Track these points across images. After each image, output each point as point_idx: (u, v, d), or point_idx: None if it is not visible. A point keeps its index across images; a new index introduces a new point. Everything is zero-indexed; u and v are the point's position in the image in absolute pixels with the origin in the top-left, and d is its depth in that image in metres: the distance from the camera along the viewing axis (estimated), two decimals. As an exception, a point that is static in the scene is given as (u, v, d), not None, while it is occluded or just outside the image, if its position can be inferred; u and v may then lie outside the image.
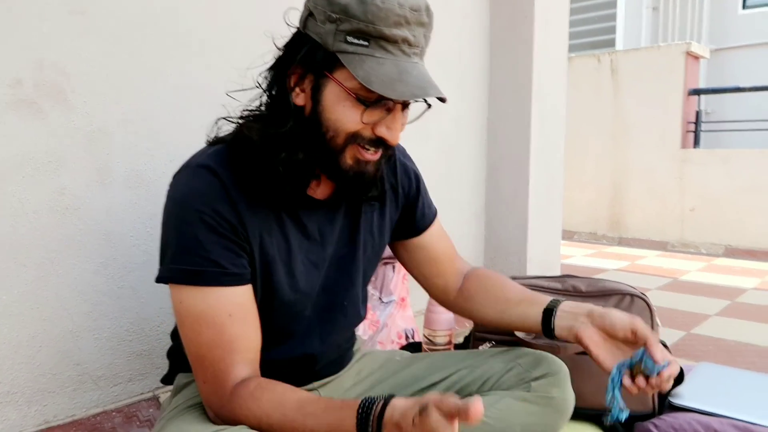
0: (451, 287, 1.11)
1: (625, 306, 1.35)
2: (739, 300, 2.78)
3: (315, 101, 0.82)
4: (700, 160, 4.46)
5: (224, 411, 0.80)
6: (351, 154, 0.83)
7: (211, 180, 0.81)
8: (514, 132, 2.41)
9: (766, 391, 1.40)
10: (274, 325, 0.89)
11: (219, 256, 0.80)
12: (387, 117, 0.82)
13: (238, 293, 0.82)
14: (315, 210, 0.92)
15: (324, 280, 0.95)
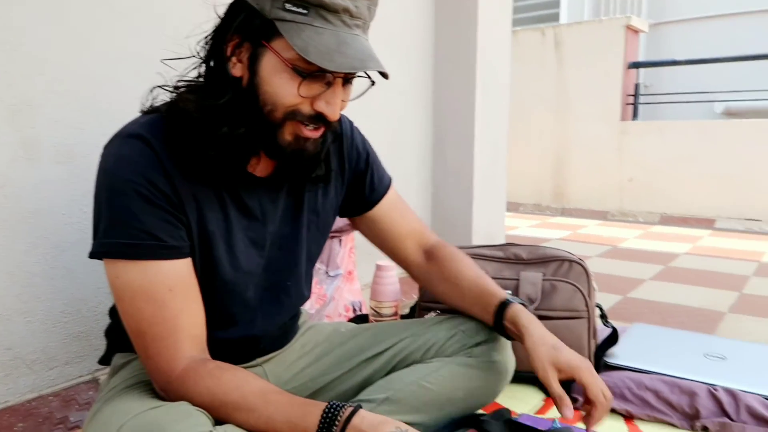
0: (412, 261, 1.11)
1: (564, 271, 1.39)
2: (672, 265, 2.93)
3: (252, 72, 0.79)
4: (638, 132, 4.62)
5: (172, 387, 0.78)
6: (290, 131, 0.81)
7: (143, 149, 0.78)
8: (459, 105, 2.43)
9: (694, 347, 1.48)
10: (215, 306, 0.88)
11: (155, 228, 0.77)
12: (326, 91, 0.79)
13: (178, 267, 0.80)
14: (256, 187, 0.89)
15: (266, 260, 0.93)
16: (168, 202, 0.79)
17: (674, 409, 1.24)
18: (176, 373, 0.78)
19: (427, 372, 1.02)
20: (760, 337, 1.83)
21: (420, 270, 1.11)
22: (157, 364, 0.79)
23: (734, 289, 2.43)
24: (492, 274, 1.42)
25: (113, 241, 0.77)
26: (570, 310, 1.36)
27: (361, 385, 1.04)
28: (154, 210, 0.78)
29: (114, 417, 0.76)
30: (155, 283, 0.78)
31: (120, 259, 0.77)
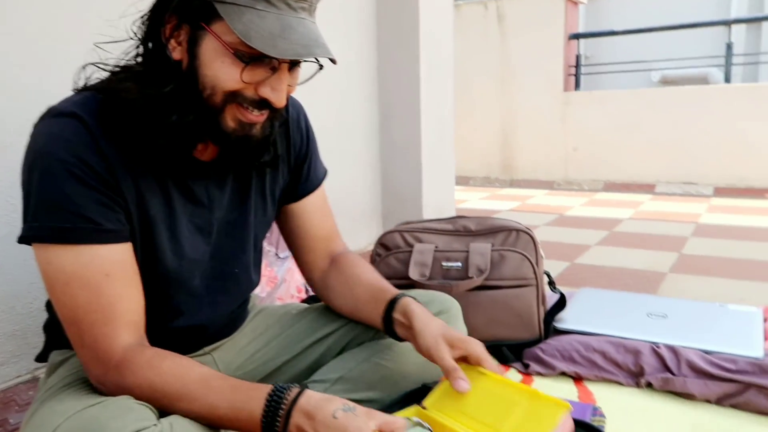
0: (316, 266, 1.05)
1: (512, 240, 1.41)
2: (616, 230, 3.02)
3: (192, 55, 0.74)
4: (580, 102, 4.72)
5: (109, 377, 0.75)
6: (232, 115, 0.76)
7: (77, 127, 0.73)
8: (403, 80, 2.41)
9: (637, 308, 1.53)
10: (160, 295, 0.84)
11: (90, 211, 0.73)
12: (271, 77, 0.75)
13: (115, 251, 0.75)
14: (202, 172, 0.85)
15: (213, 247, 0.89)
16: (103, 184, 0.74)
17: (620, 368, 1.28)
18: (113, 362, 0.74)
19: (379, 349, 1.01)
20: (698, 294, 1.92)
21: (321, 275, 1.05)
22: (93, 353, 0.75)
23: (674, 250, 2.53)
24: (442, 247, 1.43)
25: (43, 224, 0.72)
26: (519, 279, 1.38)
27: (312, 366, 1.02)
28: (89, 191, 0.73)
29: (50, 417, 0.71)
30: (90, 268, 0.73)
31: (51, 243, 0.72)
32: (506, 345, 1.38)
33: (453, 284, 1.34)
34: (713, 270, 2.21)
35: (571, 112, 4.74)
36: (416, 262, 1.40)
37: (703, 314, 1.50)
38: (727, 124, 4.18)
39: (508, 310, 1.37)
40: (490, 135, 5.07)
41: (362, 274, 1.02)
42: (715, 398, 1.18)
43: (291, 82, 0.79)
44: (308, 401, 0.71)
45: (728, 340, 1.31)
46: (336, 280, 1.03)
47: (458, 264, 1.39)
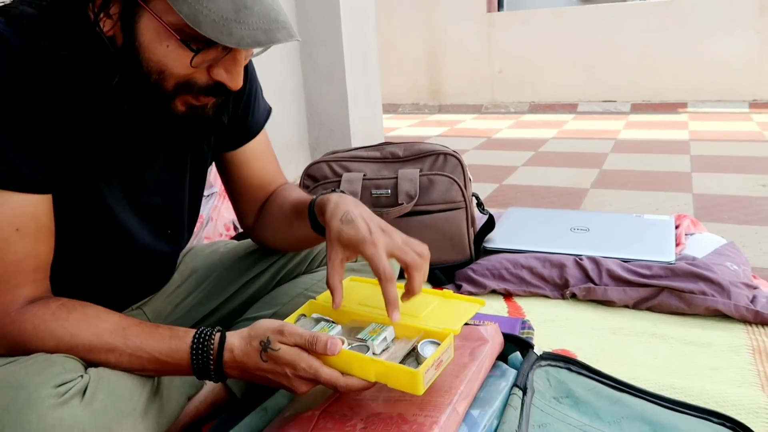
0: (254, 212, 0.97)
1: (440, 165, 1.41)
2: (541, 150, 3.10)
3: (128, 35, 0.64)
4: (504, 23, 4.70)
5: (4, 333, 0.68)
6: (182, 101, 0.68)
7: (11, 55, 0.62)
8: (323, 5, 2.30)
9: (562, 223, 1.59)
10: (90, 252, 0.78)
11: (8, 150, 0.63)
12: (225, 57, 0.66)
13: (31, 202, 0.67)
14: (134, 135, 0.76)
15: (145, 207, 0.82)
16: (30, 123, 0.64)
17: (547, 282, 1.33)
18: (11, 317, 0.68)
19: (313, 282, 1.00)
20: (618, 207, 2.01)
21: (256, 217, 0.97)
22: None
23: (595, 167, 2.62)
24: (371, 174, 1.41)
25: None
26: (448, 202, 1.39)
27: (245, 305, 1.00)
28: (10, 128, 0.63)
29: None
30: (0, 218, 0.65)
31: None
32: (438, 268, 1.40)
33: (383, 212, 1.33)
34: (631, 183, 2.32)
35: (495, 33, 4.71)
36: (345, 191, 1.38)
37: (621, 225, 1.58)
38: (642, 40, 4.30)
39: (439, 233, 1.39)
40: (417, 61, 4.99)
41: (290, 195, 0.93)
42: (632, 303, 1.25)
43: (247, 56, 0.70)
44: (233, 355, 0.70)
45: (644, 248, 1.39)
46: (268, 215, 0.95)
47: (387, 191, 1.38)
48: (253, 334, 0.70)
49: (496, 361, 0.84)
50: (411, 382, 0.64)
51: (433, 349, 0.68)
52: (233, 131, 0.91)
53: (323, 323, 0.76)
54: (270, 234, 0.97)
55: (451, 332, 0.71)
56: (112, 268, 0.83)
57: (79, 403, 0.63)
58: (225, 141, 0.92)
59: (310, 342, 0.67)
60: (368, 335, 0.71)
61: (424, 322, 0.74)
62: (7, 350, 0.68)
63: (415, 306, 0.77)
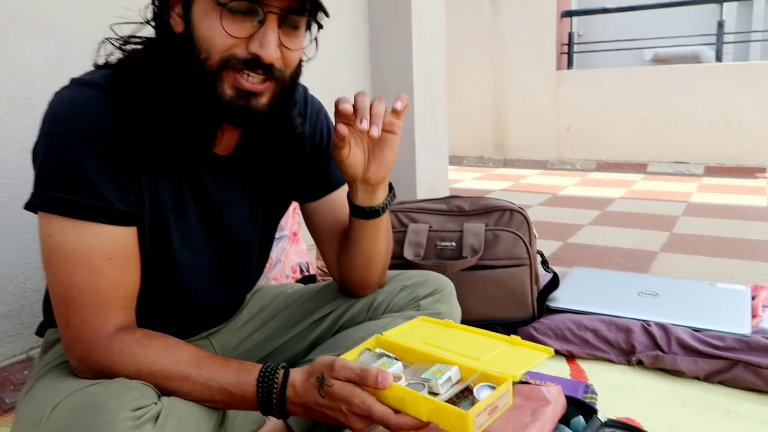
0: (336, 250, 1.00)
1: (506, 221, 1.42)
2: (609, 209, 3.04)
3: (187, 22, 0.73)
4: (573, 80, 4.70)
5: (92, 357, 0.73)
6: (230, 83, 0.74)
7: (101, 100, 0.71)
8: (396, 57, 2.39)
9: (629, 286, 1.55)
10: (163, 280, 0.83)
11: (104, 188, 0.71)
12: (259, 31, 0.73)
13: (121, 234, 0.74)
14: (215, 166, 0.83)
15: (218, 242, 0.88)
16: (121, 162, 0.72)
17: (612, 346, 1.30)
18: (100, 342, 0.73)
19: (377, 328, 1.01)
20: (689, 273, 1.94)
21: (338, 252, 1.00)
22: (79, 333, 0.73)
23: (665, 229, 2.55)
24: (436, 227, 1.43)
25: (52, 193, 0.70)
26: (513, 258, 1.39)
27: (310, 346, 1.03)
28: (105, 168, 0.71)
29: (49, 394, 0.72)
30: (94, 248, 0.72)
31: (57, 214, 0.70)
32: (500, 324, 1.39)
33: (447, 264, 1.35)
34: (703, 249, 2.23)
35: (564, 90, 4.72)
36: (411, 242, 1.41)
37: (693, 292, 1.52)
38: (717, 102, 4.19)
39: (502, 289, 1.38)
40: (483, 114, 5.05)
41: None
42: (703, 375, 1.20)
43: (288, 43, 0.75)
44: (294, 392, 0.72)
45: (717, 318, 1.33)
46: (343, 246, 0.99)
47: (452, 244, 1.39)
48: (312, 370, 0.72)
49: (558, 424, 0.83)
50: (461, 424, 0.63)
51: (489, 393, 0.67)
52: (315, 183, 0.97)
53: (385, 359, 0.76)
54: (344, 260, 0.99)
55: (509, 377, 0.68)
56: (183, 299, 0.88)
57: (151, 427, 0.67)
58: (307, 192, 0.98)
59: (361, 376, 0.68)
60: (432, 375, 0.71)
61: (486, 365, 0.73)
62: (93, 373, 0.74)
63: (480, 349, 0.77)
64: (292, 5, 0.73)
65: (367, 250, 0.95)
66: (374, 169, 0.86)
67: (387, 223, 0.97)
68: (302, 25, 0.78)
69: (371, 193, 0.89)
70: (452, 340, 0.81)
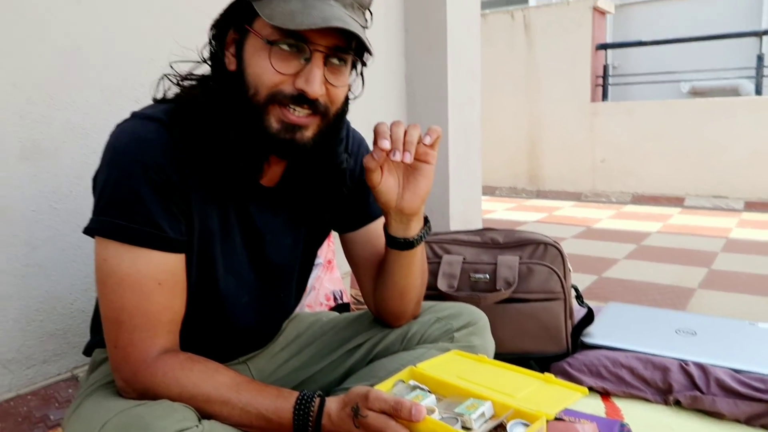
0: (373, 278, 1.02)
1: (540, 254, 1.42)
2: (644, 243, 2.99)
3: (239, 60, 0.78)
4: (608, 113, 4.68)
5: (138, 378, 0.77)
6: (276, 117, 0.77)
7: (161, 133, 0.76)
8: (431, 89, 2.43)
9: (666, 324, 1.52)
10: (206, 306, 0.86)
11: (158, 217, 0.75)
12: (305, 68, 0.76)
13: (171, 260, 0.78)
14: (260, 197, 0.87)
15: (261, 270, 0.91)
16: (176, 193, 0.76)
17: (648, 384, 1.27)
18: (146, 364, 0.76)
19: (410, 359, 1.02)
20: (728, 311, 1.89)
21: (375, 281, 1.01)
22: (127, 354, 0.77)
23: (703, 266, 2.49)
24: (470, 258, 1.44)
25: (110, 219, 0.74)
26: (547, 292, 1.38)
27: (344, 376, 1.04)
28: (161, 198, 0.75)
29: (96, 414, 0.74)
30: (145, 273, 0.75)
31: (113, 240, 0.74)
32: (533, 358, 1.38)
33: (481, 296, 1.35)
34: (744, 286, 2.18)
35: (599, 122, 4.70)
36: (444, 273, 1.42)
37: (733, 332, 1.49)
38: (757, 136, 4.11)
39: (536, 323, 1.38)
40: (517, 144, 5.05)
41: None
42: (744, 418, 1.17)
43: (333, 81, 0.79)
44: (330, 422, 0.74)
45: (758, 360, 1.30)
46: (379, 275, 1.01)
47: (486, 276, 1.40)
48: (347, 400, 0.74)
49: (593, 463, 0.82)
50: None
51: (523, 430, 0.67)
52: (354, 213, 1.00)
53: (418, 391, 0.77)
54: (379, 290, 1.00)
55: (543, 415, 0.69)
56: (224, 324, 0.91)
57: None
58: (347, 222, 1.01)
59: (395, 408, 0.69)
60: (465, 409, 0.71)
61: (520, 401, 0.73)
62: (138, 394, 0.77)
63: (514, 385, 0.77)
64: (338, 44, 0.77)
65: (401, 281, 0.97)
66: (408, 198, 0.87)
67: (422, 255, 0.98)
68: (347, 63, 0.81)
69: (406, 224, 0.91)
70: (486, 375, 0.82)
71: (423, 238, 0.94)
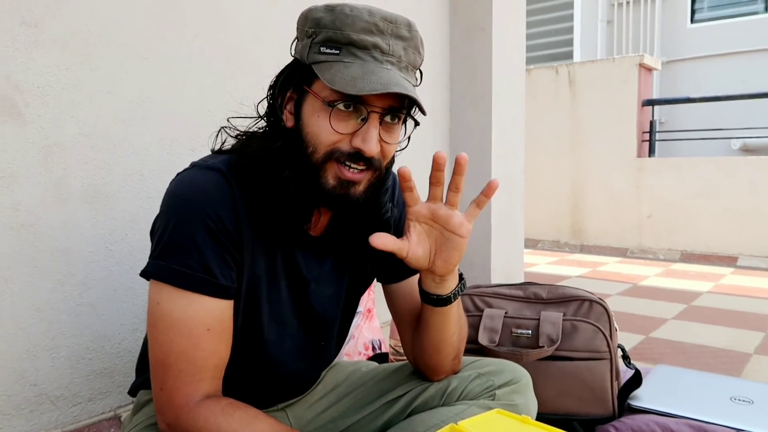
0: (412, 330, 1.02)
1: (584, 311, 1.38)
2: (695, 303, 2.88)
3: (297, 118, 0.82)
4: (654, 168, 4.60)
5: (180, 422, 0.78)
6: (332, 174, 0.81)
7: (221, 183, 0.80)
8: (475, 142, 2.46)
9: (720, 390, 1.45)
10: (249, 352, 0.88)
11: (212, 264, 0.78)
12: (362, 128, 0.79)
13: (221, 307, 0.80)
14: (307, 246, 0.90)
15: (305, 317, 0.93)
16: (230, 241, 0.79)
17: (702, 454, 1.21)
18: (188, 408, 0.78)
19: (451, 415, 1.00)
20: (788, 379, 1.79)
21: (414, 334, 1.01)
22: (171, 398, 0.78)
23: (760, 330, 2.38)
24: (512, 313, 1.42)
25: (166, 264, 0.77)
26: (592, 351, 1.34)
27: (382, 428, 1.03)
28: (216, 245, 0.78)
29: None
30: (195, 319, 0.77)
31: (168, 284, 0.77)
32: (577, 420, 1.33)
33: (523, 352, 1.32)
34: (804, 353, 2.06)
35: (645, 178, 4.62)
36: (486, 327, 1.40)
37: (793, 402, 1.40)
38: (815, 195, 3.96)
39: (580, 383, 1.33)
40: (560, 198, 5.00)
41: None
42: (809, 497, 1.09)
43: (387, 138, 0.82)
44: None
45: (823, 434, 1.22)
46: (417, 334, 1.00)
47: (528, 332, 1.37)
48: None
49: None
50: None
51: None
52: (397, 265, 0.99)
53: None
54: (416, 343, 1.00)
55: None
56: (265, 370, 0.92)
57: None
58: (390, 273, 1.01)
59: None
60: None
61: None
62: None
63: None
64: (393, 105, 0.80)
65: (435, 336, 0.96)
66: (440, 265, 0.87)
67: (458, 311, 0.97)
68: (400, 121, 0.84)
69: (439, 283, 0.90)
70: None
71: (457, 295, 0.93)
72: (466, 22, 2.42)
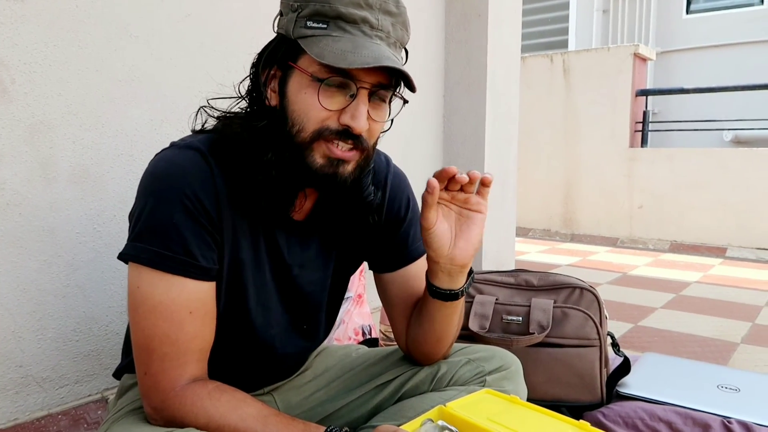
0: (406, 318, 1.02)
1: (575, 298, 1.39)
2: (683, 293, 2.90)
3: (282, 96, 0.79)
4: (647, 159, 4.62)
5: (166, 406, 0.77)
6: (321, 152, 0.78)
7: (199, 162, 0.77)
8: (469, 130, 2.45)
9: (707, 378, 1.46)
10: (234, 334, 0.87)
11: (192, 245, 0.76)
12: (351, 104, 0.77)
13: (202, 289, 0.78)
14: (290, 230, 0.88)
15: (288, 301, 0.92)
16: (210, 222, 0.77)
17: (688, 441, 1.22)
18: (174, 392, 0.76)
19: (440, 400, 1.00)
20: (774, 368, 1.81)
21: (407, 322, 1.01)
22: (156, 382, 0.77)
23: (747, 320, 2.40)
24: (503, 300, 1.42)
25: (144, 246, 0.75)
26: (581, 338, 1.35)
27: (371, 412, 1.03)
28: (195, 226, 0.76)
29: (126, 439, 0.75)
30: (177, 302, 0.76)
31: (147, 266, 0.75)
32: (565, 406, 1.34)
33: (513, 339, 1.32)
34: (790, 343, 2.08)
35: (637, 168, 4.63)
36: (476, 313, 1.40)
37: (779, 391, 1.41)
38: (805, 188, 3.99)
39: (569, 369, 1.34)
40: (552, 187, 5.01)
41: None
42: (793, 484, 1.10)
43: (375, 116, 0.80)
44: None
45: (808, 422, 1.23)
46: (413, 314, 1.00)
47: (519, 318, 1.37)
48: None
49: None
50: None
51: None
52: (392, 254, 1.00)
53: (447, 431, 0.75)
54: (414, 333, 0.99)
55: None
56: (251, 353, 0.91)
57: None
58: (384, 262, 1.00)
59: None
60: None
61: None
62: (166, 422, 0.77)
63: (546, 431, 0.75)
64: (382, 81, 0.78)
65: (439, 328, 0.96)
66: (462, 246, 0.86)
67: (462, 304, 0.97)
68: (388, 99, 0.83)
69: (453, 277, 0.89)
70: (518, 418, 0.79)
71: (467, 289, 0.93)
72: (461, 7, 2.40)
